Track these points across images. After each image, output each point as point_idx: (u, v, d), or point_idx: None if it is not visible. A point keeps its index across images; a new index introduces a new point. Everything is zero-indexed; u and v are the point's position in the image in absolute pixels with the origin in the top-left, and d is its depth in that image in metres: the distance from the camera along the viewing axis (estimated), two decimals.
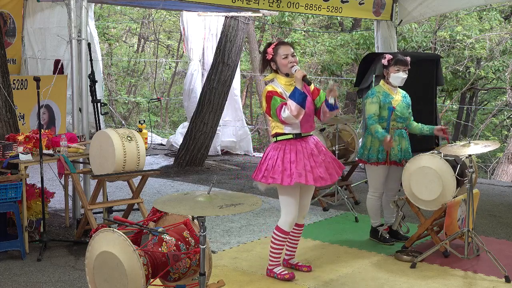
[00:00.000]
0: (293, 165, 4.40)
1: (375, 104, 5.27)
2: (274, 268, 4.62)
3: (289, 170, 4.39)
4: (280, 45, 4.51)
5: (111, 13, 17.87)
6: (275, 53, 4.48)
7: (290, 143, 4.47)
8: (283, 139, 4.49)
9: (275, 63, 4.51)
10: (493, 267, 4.69)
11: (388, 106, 5.27)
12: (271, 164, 4.43)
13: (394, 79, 5.29)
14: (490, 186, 8.43)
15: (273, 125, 4.53)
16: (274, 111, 4.39)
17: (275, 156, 4.45)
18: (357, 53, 14.02)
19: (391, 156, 5.30)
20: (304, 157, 4.44)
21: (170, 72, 19.39)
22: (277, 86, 4.48)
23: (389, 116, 5.28)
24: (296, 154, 4.43)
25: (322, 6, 8.01)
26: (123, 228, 3.59)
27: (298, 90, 4.36)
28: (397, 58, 5.28)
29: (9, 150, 5.24)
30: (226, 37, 8.98)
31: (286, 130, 4.47)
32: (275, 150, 4.48)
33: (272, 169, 4.42)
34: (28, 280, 4.55)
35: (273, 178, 4.40)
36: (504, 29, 13.96)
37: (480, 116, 16.49)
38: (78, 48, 5.64)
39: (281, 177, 4.38)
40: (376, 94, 5.30)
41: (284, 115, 4.35)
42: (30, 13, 9.25)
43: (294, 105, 4.33)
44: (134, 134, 5.16)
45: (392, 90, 5.34)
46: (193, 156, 9.12)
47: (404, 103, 5.37)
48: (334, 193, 6.75)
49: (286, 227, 4.55)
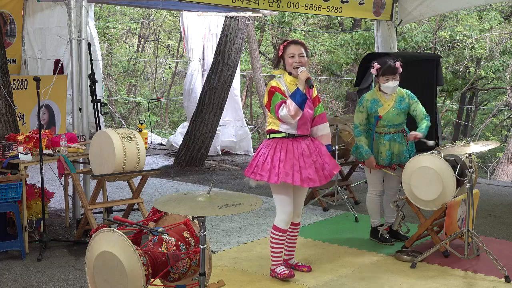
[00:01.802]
0: (282, 164, 4.42)
1: (361, 113, 5.34)
2: (276, 267, 4.63)
3: (277, 169, 4.40)
4: (291, 43, 4.53)
5: (111, 13, 17.87)
6: (284, 51, 4.51)
7: (282, 141, 4.49)
8: (276, 137, 4.51)
9: (283, 61, 4.54)
10: (493, 267, 4.69)
11: (375, 115, 5.29)
12: (261, 161, 4.47)
13: (385, 88, 5.30)
14: (490, 186, 8.43)
15: (270, 121, 4.55)
16: (273, 107, 4.42)
17: (265, 153, 4.48)
18: (357, 53, 14.02)
19: (378, 161, 5.34)
20: (293, 157, 4.45)
21: (170, 72, 19.40)
22: (281, 83, 4.49)
23: (374, 125, 5.32)
24: (286, 153, 4.45)
25: (322, 6, 8.01)
26: (123, 228, 3.59)
27: (300, 91, 4.36)
28: (384, 68, 5.22)
29: (9, 150, 5.24)
30: (226, 37, 8.98)
31: (282, 129, 4.48)
32: (267, 147, 4.51)
33: (261, 165, 4.45)
34: (28, 280, 4.55)
35: (260, 175, 4.43)
36: (504, 29, 13.96)
37: (480, 116, 16.49)
38: (78, 48, 5.64)
39: (269, 174, 4.40)
40: (363, 103, 5.34)
41: (282, 113, 4.36)
42: (30, 13, 9.24)
43: (293, 105, 4.33)
44: (134, 134, 5.16)
45: (384, 96, 5.34)
46: (193, 156, 9.12)
47: (396, 109, 5.31)
48: (334, 193, 6.75)
49: (282, 225, 4.55)
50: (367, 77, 8.00)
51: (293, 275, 4.59)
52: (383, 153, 5.33)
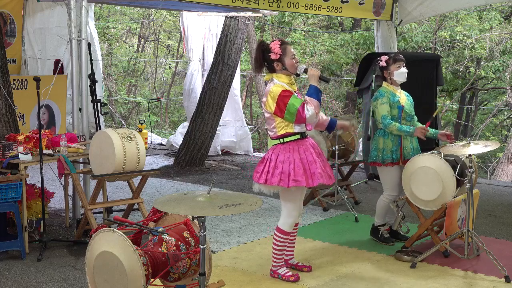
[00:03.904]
0: (312, 165, 4.37)
1: (386, 104, 5.25)
2: (278, 269, 4.61)
3: (309, 171, 4.35)
4: (286, 45, 4.45)
5: (111, 13, 17.87)
6: (283, 53, 4.39)
7: (301, 143, 4.41)
8: (291, 139, 4.40)
9: (281, 63, 4.41)
10: (493, 267, 4.69)
11: (398, 105, 5.27)
12: (289, 167, 4.33)
13: (398, 75, 5.29)
14: (490, 186, 8.43)
15: (281, 126, 4.40)
16: (295, 111, 4.28)
17: (290, 158, 4.35)
18: (357, 53, 14.03)
19: (405, 155, 5.27)
20: (317, 157, 4.43)
21: (170, 72, 19.39)
22: (285, 86, 4.39)
23: (400, 115, 5.28)
24: (311, 155, 4.40)
25: (322, 6, 8.01)
26: (123, 228, 3.59)
27: (316, 87, 4.35)
28: (395, 57, 5.33)
29: (9, 150, 5.24)
30: (226, 37, 8.98)
31: (296, 130, 4.40)
32: (287, 152, 4.37)
33: (293, 172, 4.32)
34: (28, 280, 4.55)
35: (296, 181, 4.31)
36: (504, 29, 13.96)
37: (480, 116, 16.48)
38: (78, 48, 5.64)
39: (305, 179, 4.32)
40: (384, 94, 5.28)
41: (309, 114, 4.29)
42: (30, 13, 9.24)
43: (316, 102, 4.32)
44: (134, 134, 5.16)
45: (396, 89, 5.35)
46: (193, 156, 9.12)
47: (409, 101, 5.40)
48: (334, 193, 6.75)
49: (286, 228, 4.53)
50: (367, 77, 8.00)
51: (299, 279, 4.57)
52: (407, 148, 5.30)
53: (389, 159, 5.29)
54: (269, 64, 4.46)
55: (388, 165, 5.30)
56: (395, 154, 5.29)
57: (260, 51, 4.46)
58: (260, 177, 4.40)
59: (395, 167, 5.30)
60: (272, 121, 4.44)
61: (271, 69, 4.47)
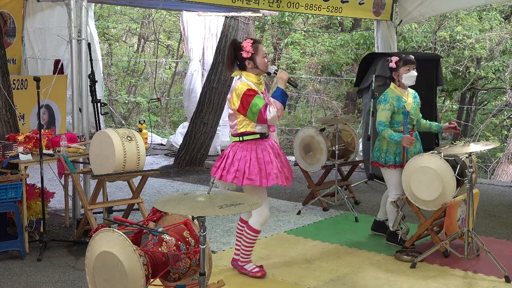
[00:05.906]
0: (268, 166, 4.40)
1: (387, 111, 5.22)
2: (245, 264, 4.67)
3: (265, 171, 4.38)
4: (258, 43, 4.45)
5: (111, 13, 17.87)
6: (255, 52, 4.41)
7: (259, 143, 4.44)
8: (251, 138, 4.43)
9: (253, 61, 4.42)
10: (493, 267, 4.69)
11: (403, 111, 5.24)
12: (245, 165, 4.37)
13: (406, 79, 5.26)
14: (490, 186, 8.42)
15: (243, 124, 4.43)
16: (257, 111, 4.31)
17: (247, 156, 4.39)
18: (357, 53, 14.03)
19: (408, 159, 5.23)
20: (275, 157, 4.45)
21: (170, 72, 19.39)
22: (251, 85, 4.40)
23: (405, 120, 5.25)
24: (269, 155, 4.43)
25: (322, 6, 8.01)
26: (123, 228, 3.59)
27: (283, 90, 4.36)
28: (405, 59, 5.26)
29: (9, 150, 5.24)
30: (226, 37, 8.97)
31: (257, 129, 4.43)
32: (245, 150, 4.41)
33: (247, 170, 4.36)
34: (28, 280, 4.55)
35: (250, 180, 4.35)
36: (504, 29, 13.96)
37: (480, 116, 16.48)
38: (78, 48, 5.64)
39: (259, 178, 4.35)
40: (389, 100, 5.24)
41: (270, 116, 4.31)
42: (30, 13, 9.24)
43: (280, 105, 4.34)
44: (134, 134, 5.16)
45: (404, 92, 5.32)
46: (193, 156, 9.12)
47: (415, 104, 5.37)
48: (334, 193, 6.75)
49: (257, 226, 4.57)
50: (367, 77, 8.00)
51: (266, 274, 4.63)
52: (411, 151, 5.29)
53: (392, 161, 5.28)
54: (241, 62, 4.48)
55: (390, 167, 5.30)
56: (398, 157, 5.28)
57: (232, 49, 4.49)
58: (216, 172, 4.45)
59: (398, 169, 5.29)
60: (235, 118, 4.48)
61: (242, 67, 4.49)
